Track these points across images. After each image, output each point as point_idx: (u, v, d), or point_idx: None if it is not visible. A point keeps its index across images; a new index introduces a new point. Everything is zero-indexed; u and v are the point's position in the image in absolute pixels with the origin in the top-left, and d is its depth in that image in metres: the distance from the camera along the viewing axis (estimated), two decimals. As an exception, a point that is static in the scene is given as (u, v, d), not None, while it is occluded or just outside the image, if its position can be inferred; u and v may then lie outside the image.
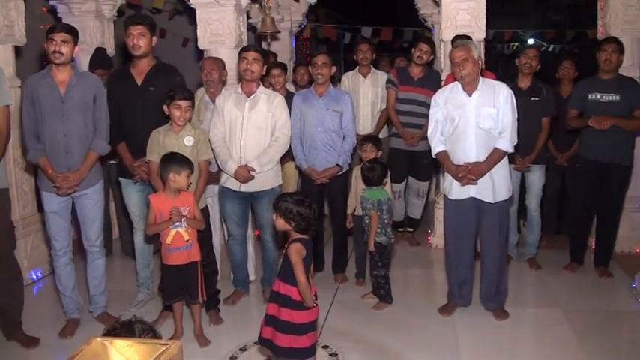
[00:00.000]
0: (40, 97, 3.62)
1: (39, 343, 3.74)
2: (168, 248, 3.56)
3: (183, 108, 3.73)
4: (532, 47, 6.18)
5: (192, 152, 3.79)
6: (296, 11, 7.64)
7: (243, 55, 4.07)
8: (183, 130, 3.80)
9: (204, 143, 3.88)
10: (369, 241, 4.13)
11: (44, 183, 3.74)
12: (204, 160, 3.89)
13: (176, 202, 3.55)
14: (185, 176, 3.53)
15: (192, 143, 3.80)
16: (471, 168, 3.79)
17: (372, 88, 5.73)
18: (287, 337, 2.89)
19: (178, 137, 3.79)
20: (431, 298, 4.38)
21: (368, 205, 4.13)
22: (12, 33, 4.56)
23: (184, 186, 3.56)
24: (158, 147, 3.76)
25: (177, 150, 3.70)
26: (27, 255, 4.75)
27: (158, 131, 3.83)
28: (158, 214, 3.55)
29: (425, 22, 8.21)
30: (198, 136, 3.85)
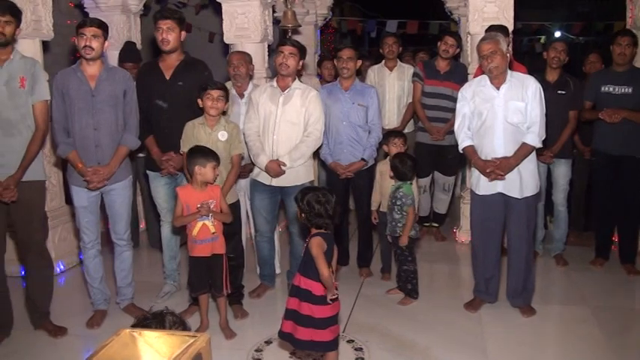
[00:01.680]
0: (70, 92, 3.67)
1: (66, 333, 3.80)
2: (194, 240, 3.59)
3: (215, 97, 3.75)
4: (560, 40, 6.08)
5: (225, 146, 3.81)
6: (321, 4, 7.61)
7: (279, 49, 4.06)
8: (217, 125, 3.83)
9: (236, 137, 3.90)
10: (403, 237, 4.12)
11: (74, 177, 3.79)
12: (237, 154, 3.91)
13: (203, 194, 3.57)
14: (211, 168, 3.55)
15: (225, 137, 3.83)
16: (499, 163, 3.75)
17: (398, 82, 5.69)
18: (307, 330, 2.90)
19: (212, 131, 3.81)
20: (457, 293, 4.35)
21: (408, 201, 4.11)
22: (39, 28, 4.62)
23: (211, 178, 3.58)
24: (192, 139, 3.80)
25: (209, 143, 3.74)
26: (55, 246, 4.83)
27: (192, 123, 3.86)
28: (185, 206, 3.58)
29: (451, 14, 8.12)
30: (231, 130, 3.87)
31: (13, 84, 3.49)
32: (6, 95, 3.48)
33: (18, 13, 3.51)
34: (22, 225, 3.65)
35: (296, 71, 4.16)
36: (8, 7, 3.47)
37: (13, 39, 3.53)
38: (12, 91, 3.49)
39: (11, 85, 3.49)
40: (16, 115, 3.51)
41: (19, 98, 3.51)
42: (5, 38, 3.44)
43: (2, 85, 3.47)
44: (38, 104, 3.59)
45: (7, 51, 3.51)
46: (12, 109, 3.50)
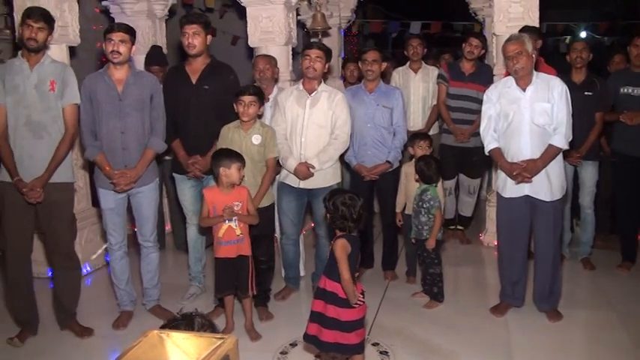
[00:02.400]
0: (98, 96, 3.72)
1: (92, 334, 3.84)
2: (220, 241, 3.61)
3: (246, 103, 3.77)
4: (579, 40, 6.04)
5: (259, 151, 3.83)
6: (345, 7, 7.61)
7: (306, 52, 4.07)
8: (251, 128, 3.86)
9: (271, 140, 3.92)
10: (431, 240, 4.10)
11: (101, 180, 3.83)
12: (272, 158, 3.93)
13: (229, 196, 3.59)
14: (236, 169, 3.57)
15: (259, 141, 3.85)
16: (526, 165, 3.70)
17: (423, 84, 5.67)
18: (333, 333, 2.89)
19: (246, 135, 3.84)
20: (482, 297, 4.31)
21: (435, 204, 4.09)
22: (66, 33, 4.68)
23: (236, 179, 3.59)
24: (227, 142, 3.82)
25: (242, 146, 3.77)
26: (81, 248, 4.88)
27: (228, 127, 3.90)
28: (211, 207, 3.60)
29: (475, 15, 8.07)
30: (266, 133, 3.89)
31: (43, 87, 3.55)
32: (36, 98, 3.54)
33: (51, 20, 3.58)
34: (50, 227, 3.70)
35: (322, 74, 4.16)
36: (42, 14, 3.54)
37: (44, 45, 3.59)
38: (42, 94, 3.55)
39: (41, 89, 3.55)
40: (46, 118, 3.57)
41: (49, 101, 3.57)
42: (37, 44, 3.51)
43: (32, 88, 3.53)
44: (68, 107, 3.64)
45: (39, 56, 3.58)
46: (42, 112, 3.56)
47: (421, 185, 4.17)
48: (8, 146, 3.53)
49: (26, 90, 3.52)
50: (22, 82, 3.53)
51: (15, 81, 3.52)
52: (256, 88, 3.90)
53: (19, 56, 3.59)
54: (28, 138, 3.54)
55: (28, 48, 3.52)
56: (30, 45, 3.50)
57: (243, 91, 3.80)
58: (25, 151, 3.54)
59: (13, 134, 3.54)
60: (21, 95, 3.52)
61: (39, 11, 3.55)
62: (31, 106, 3.53)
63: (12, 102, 3.51)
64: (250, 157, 3.83)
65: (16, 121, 3.53)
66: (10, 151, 3.53)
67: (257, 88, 3.91)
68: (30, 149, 3.55)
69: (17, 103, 3.51)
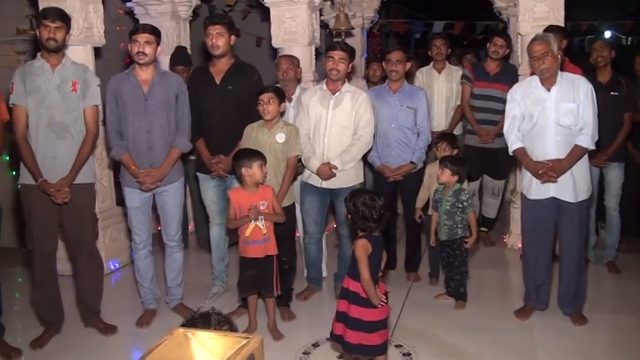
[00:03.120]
0: (124, 96, 3.75)
1: (116, 331, 3.88)
2: (247, 241, 3.62)
3: (265, 101, 3.79)
4: (598, 40, 5.96)
5: (283, 148, 3.85)
6: (368, 7, 7.60)
7: (330, 54, 4.06)
8: (275, 127, 3.87)
9: (294, 139, 3.93)
10: (471, 241, 4.12)
11: (126, 179, 3.87)
12: (294, 156, 3.93)
13: (255, 196, 3.61)
14: (257, 167, 3.57)
15: (283, 140, 3.87)
16: (552, 165, 3.66)
17: (447, 84, 5.64)
18: (356, 334, 2.88)
19: (270, 133, 3.86)
20: (506, 300, 4.27)
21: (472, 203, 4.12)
22: (91, 35, 4.73)
23: (260, 177, 3.60)
24: (251, 141, 3.84)
25: (266, 145, 3.79)
26: (105, 246, 4.94)
27: (252, 126, 3.92)
28: (237, 208, 3.61)
29: (500, 15, 8.00)
30: (289, 132, 3.91)
31: (65, 88, 3.58)
32: (59, 99, 3.57)
33: (67, 19, 3.60)
34: (72, 227, 3.74)
35: (346, 75, 4.15)
36: (58, 13, 3.56)
37: (63, 44, 3.61)
38: (64, 95, 3.58)
39: (63, 89, 3.58)
40: (69, 119, 3.60)
41: (71, 102, 3.60)
42: (57, 44, 3.53)
43: (55, 89, 3.57)
44: (89, 109, 3.67)
45: (59, 57, 3.60)
46: (64, 113, 3.59)
47: (454, 185, 4.13)
48: (30, 148, 3.55)
49: (48, 91, 3.55)
50: (43, 84, 3.55)
51: (36, 82, 3.55)
52: (274, 87, 3.90)
53: (39, 57, 3.61)
54: (51, 139, 3.57)
55: (48, 48, 3.54)
56: (49, 45, 3.52)
57: (261, 90, 3.83)
58: (49, 152, 3.57)
59: (35, 135, 3.56)
60: (43, 96, 3.54)
61: (55, 11, 3.58)
62: (53, 107, 3.56)
63: (33, 103, 3.54)
64: (274, 155, 3.85)
65: (38, 122, 3.55)
66: (33, 152, 3.55)
67: (275, 87, 3.91)
68: (53, 150, 3.58)
69: (39, 104, 3.54)
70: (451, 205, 4.12)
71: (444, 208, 4.15)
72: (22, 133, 3.55)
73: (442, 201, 4.16)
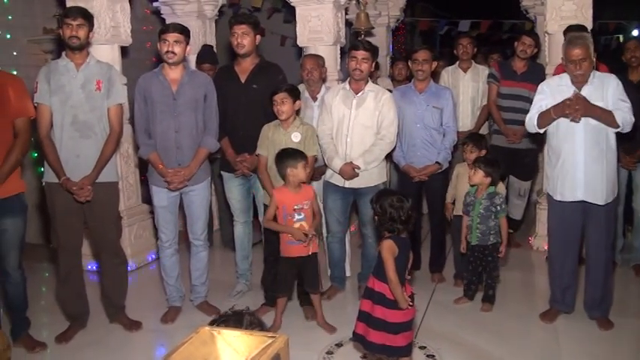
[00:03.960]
0: (153, 95, 3.77)
1: (141, 327, 3.92)
2: (291, 241, 3.63)
3: (279, 101, 3.79)
4: (631, 39, 5.84)
5: (298, 148, 3.83)
6: (393, 6, 7.57)
7: (352, 53, 4.04)
8: (291, 126, 3.87)
9: (311, 139, 3.92)
10: (502, 248, 4.08)
11: (154, 177, 3.89)
12: (311, 156, 3.93)
13: (299, 196, 3.63)
14: (302, 168, 3.60)
15: (299, 139, 3.86)
16: (578, 98, 3.49)
17: (473, 84, 5.59)
18: (380, 334, 2.87)
19: (286, 132, 3.86)
20: (532, 303, 4.22)
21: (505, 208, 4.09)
22: (118, 34, 4.78)
23: (304, 177, 3.63)
24: (267, 141, 3.85)
25: (283, 145, 3.79)
26: (131, 244, 4.99)
27: (268, 126, 3.92)
28: (281, 207, 3.63)
29: (527, 13, 7.93)
30: (305, 131, 3.90)
31: (89, 87, 3.61)
32: (83, 98, 3.59)
33: (89, 17, 3.62)
34: (96, 225, 3.78)
35: (369, 74, 4.13)
36: (79, 11, 3.60)
37: (87, 42, 3.64)
38: (88, 94, 3.61)
39: (87, 88, 3.61)
40: (93, 118, 3.63)
41: (95, 101, 3.63)
42: (79, 42, 3.56)
43: (79, 88, 3.59)
44: (113, 108, 3.70)
45: (83, 55, 3.63)
46: (89, 112, 3.61)
47: (488, 188, 4.09)
48: (54, 146, 3.59)
49: (72, 90, 3.58)
50: (68, 83, 3.58)
51: (61, 81, 3.58)
52: (289, 86, 3.89)
53: (63, 56, 3.64)
54: (75, 138, 3.60)
55: (71, 46, 3.56)
56: (72, 43, 3.55)
57: (275, 91, 3.81)
58: (72, 150, 3.60)
59: (59, 134, 3.59)
60: (67, 95, 3.57)
61: (76, 9, 3.62)
62: (77, 105, 3.58)
63: (58, 102, 3.57)
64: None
65: (62, 120, 3.58)
66: (56, 151, 3.59)
67: (289, 85, 3.90)
68: (77, 149, 3.60)
69: (63, 103, 3.57)
70: (485, 209, 4.07)
71: (477, 212, 4.09)
72: (46, 132, 3.59)
73: (475, 204, 4.11)
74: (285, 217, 3.64)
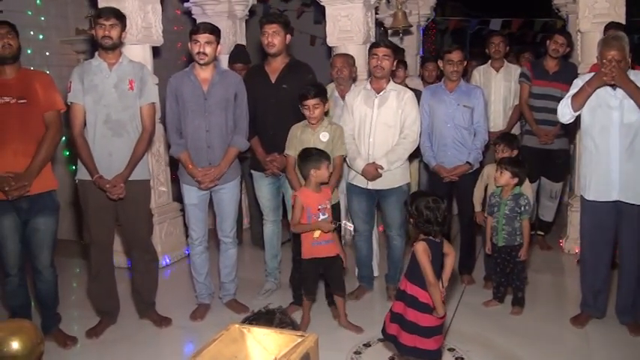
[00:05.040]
0: (184, 95, 3.81)
1: (171, 324, 3.97)
2: (317, 242, 3.64)
3: (311, 107, 3.79)
4: None
5: (326, 147, 3.84)
6: (424, 5, 7.52)
7: (373, 51, 4.03)
8: (319, 126, 3.87)
9: (339, 139, 3.91)
10: (523, 251, 4.02)
11: (185, 176, 3.93)
12: (339, 156, 3.92)
13: (320, 196, 3.64)
14: (325, 168, 3.60)
15: (327, 139, 3.85)
16: (612, 63, 3.40)
17: (505, 83, 5.51)
18: (412, 337, 2.86)
19: (314, 132, 3.86)
20: (562, 307, 4.15)
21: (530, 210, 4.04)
22: (150, 34, 4.83)
23: (326, 178, 3.63)
24: (296, 141, 3.85)
25: (311, 144, 3.79)
26: (161, 241, 5.05)
27: (297, 126, 3.92)
28: (306, 208, 3.63)
29: (559, 11, 7.82)
30: (334, 131, 3.89)
31: (122, 86, 3.66)
32: (116, 97, 3.64)
33: (122, 17, 3.67)
34: (128, 222, 3.83)
35: (390, 72, 4.11)
36: (112, 11, 3.65)
37: (119, 42, 3.69)
38: (121, 93, 3.66)
39: (120, 88, 3.65)
40: (125, 117, 3.67)
41: (127, 100, 3.67)
42: (112, 41, 3.60)
43: (112, 87, 3.64)
44: (146, 106, 3.74)
45: (116, 55, 3.67)
46: (121, 111, 3.66)
47: (514, 189, 4.04)
48: (87, 144, 3.64)
49: (105, 89, 3.63)
50: (100, 82, 3.63)
51: (94, 81, 3.63)
52: (317, 89, 3.86)
53: (96, 57, 3.69)
54: (107, 136, 3.65)
55: (104, 46, 3.61)
56: (105, 43, 3.59)
57: (306, 95, 3.78)
58: (105, 149, 3.65)
59: (92, 132, 3.64)
60: (100, 94, 3.62)
61: (109, 9, 3.67)
62: (110, 105, 3.63)
63: (91, 101, 3.62)
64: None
65: (95, 119, 3.63)
66: (89, 149, 3.64)
67: (318, 88, 3.87)
68: (109, 147, 3.65)
69: (96, 102, 3.62)
70: (510, 210, 4.02)
71: (502, 213, 4.04)
72: (79, 130, 3.64)
73: (500, 205, 4.06)
74: (310, 218, 3.64)
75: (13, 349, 1.63)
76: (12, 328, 1.68)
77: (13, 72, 3.47)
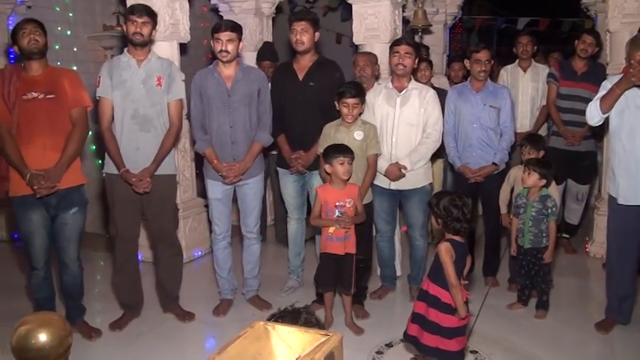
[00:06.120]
0: (208, 92, 3.84)
1: (194, 318, 4.00)
2: (330, 238, 3.65)
3: (350, 105, 3.78)
4: None
5: (361, 146, 3.83)
6: (451, 3, 7.45)
7: (395, 49, 4.00)
8: (353, 125, 3.86)
9: (373, 138, 3.89)
10: (549, 253, 3.97)
11: (209, 171, 3.96)
12: (373, 155, 3.91)
13: (341, 193, 3.63)
14: (338, 164, 3.59)
15: (361, 137, 3.84)
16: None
17: (532, 83, 5.44)
18: (434, 337, 2.84)
19: (349, 131, 3.85)
20: (587, 311, 4.08)
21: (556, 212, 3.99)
22: (177, 31, 4.86)
23: (342, 174, 3.60)
24: (330, 140, 3.84)
25: (345, 142, 3.77)
26: (185, 236, 5.08)
27: (331, 125, 3.92)
28: (324, 204, 3.64)
29: (587, 11, 7.70)
30: (368, 130, 3.88)
31: (150, 82, 3.69)
32: (144, 93, 3.68)
33: (154, 15, 3.71)
34: (154, 216, 3.87)
35: (412, 70, 4.08)
36: (144, 8, 3.68)
37: (150, 40, 3.73)
38: (149, 89, 3.69)
39: (148, 84, 3.69)
40: (153, 112, 3.71)
41: (155, 96, 3.71)
42: (143, 38, 3.64)
43: (140, 83, 3.68)
44: (173, 103, 3.77)
45: (145, 52, 3.71)
46: (149, 106, 3.69)
47: (541, 190, 3.99)
48: (114, 139, 3.68)
49: (134, 85, 3.67)
50: (129, 78, 3.67)
51: (123, 76, 3.67)
52: (357, 88, 3.85)
53: (126, 52, 3.73)
54: (135, 131, 3.69)
55: (134, 43, 3.65)
56: (136, 39, 3.63)
57: (347, 94, 3.77)
58: (132, 143, 3.69)
59: (120, 127, 3.69)
60: (128, 90, 3.66)
61: (141, 7, 3.70)
62: (138, 100, 3.67)
63: (119, 96, 3.66)
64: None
65: (123, 114, 3.67)
66: (117, 143, 3.68)
67: (358, 88, 3.87)
68: (137, 142, 3.69)
69: (124, 97, 3.66)
70: (537, 212, 3.96)
71: (529, 214, 3.99)
72: (107, 125, 3.69)
73: (527, 207, 4.01)
74: (327, 214, 3.65)
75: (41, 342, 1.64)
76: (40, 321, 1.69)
77: (40, 68, 3.52)
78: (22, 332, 1.63)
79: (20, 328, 1.63)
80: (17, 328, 1.63)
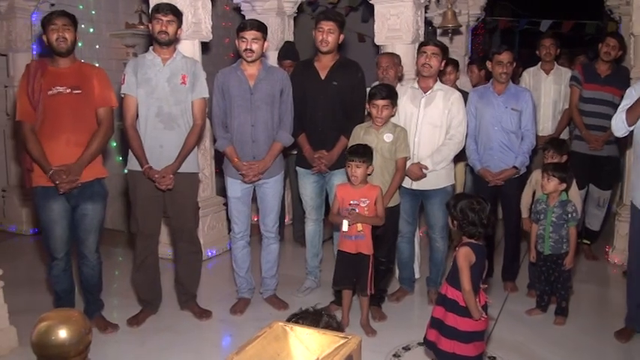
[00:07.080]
0: (231, 90, 3.85)
1: (211, 316, 4.00)
2: (344, 235, 3.66)
3: (380, 107, 3.78)
4: None
5: (390, 148, 3.83)
6: (474, 4, 7.38)
7: (422, 49, 3.99)
8: (383, 127, 3.86)
9: (403, 141, 3.88)
10: (569, 259, 3.93)
11: (229, 169, 3.97)
12: (402, 158, 3.90)
13: (357, 192, 3.64)
14: (355, 166, 3.59)
15: (391, 139, 3.84)
16: None
17: (555, 86, 5.38)
18: (450, 342, 2.80)
19: (378, 134, 3.85)
20: (606, 319, 4.01)
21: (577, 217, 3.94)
22: (199, 30, 4.88)
23: (359, 175, 3.60)
24: (358, 141, 3.83)
25: (374, 144, 3.78)
26: (204, 234, 5.10)
27: (361, 127, 3.93)
28: (341, 201, 3.65)
29: (611, 13, 7.60)
30: (398, 133, 3.87)
31: (174, 81, 3.71)
32: (168, 91, 3.70)
33: (179, 13, 3.73)
34: (175, 214, 3.88)
35: (438, 71, 4.06)
36: (170, 7, 3.70)
37: (175, 38, 3.75)
38: (174, 88, 3.71)
39: (173, 82, 3.71)
40: (177, 110, 3.73)
41: (180, 94, 3.73)
42: (168, 37, 3.67)
43: (165, 81, 3.70)
44: (197, 101, 3.79)
45: (170, 51, 3.74)
46: (173, 105, 3.72)
47: (561, 195, 3.95)
48: (138, 136, 3.71)
49: (158, 83, 3.69)
50: (154, 76, 3.70)
51: (148, 74, 3.70)
52: (389, 90, 3.84)
53: (151, 51, 3.76)
54: (159, 129, 3.71)
55: (160, 41, 3.67)
56: (161, 38, 3.66)
57: (377, 95, 3.77)
58: (156, 141, 3.71)
59: (144, 124, 3.72)
60: (153, 88, 3.69)
61: (167, 5, 3.72)
62: (162, 98, 3.69)
63: (144, 94, 3.69)
64: (381, 154, 3.83)
65: (147, 112, 3.70)
66: (140, 140, 3.71)
67: (390, 90, 3.85)
68: (161, 139, 3.72)
69: (149, 95, 3.69)
70: (557, 217, 3.92)
71: (549, 220, 3.95)
72: (131, 122, 3.72)
73: (547, 212, 3.96)
74: (342, 211, 3.66)
75: (61, 338, 1.64)
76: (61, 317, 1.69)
77: (67, 62, 3.55)
78: (42, 328, 1.62)
79: (40, 325, 1.63)
80: (37, 324, 1.63)
